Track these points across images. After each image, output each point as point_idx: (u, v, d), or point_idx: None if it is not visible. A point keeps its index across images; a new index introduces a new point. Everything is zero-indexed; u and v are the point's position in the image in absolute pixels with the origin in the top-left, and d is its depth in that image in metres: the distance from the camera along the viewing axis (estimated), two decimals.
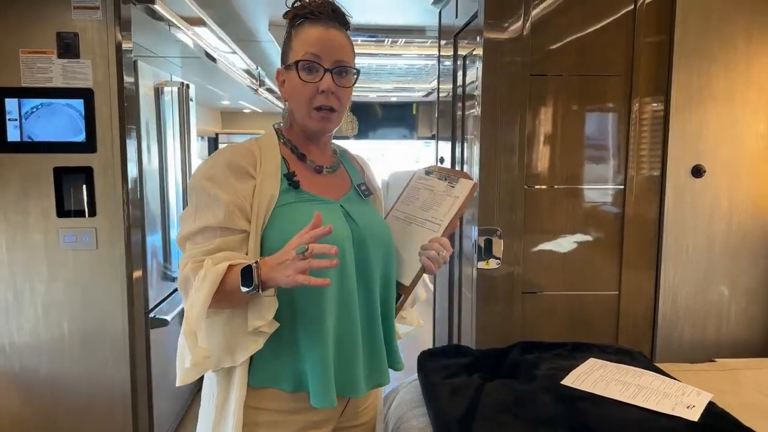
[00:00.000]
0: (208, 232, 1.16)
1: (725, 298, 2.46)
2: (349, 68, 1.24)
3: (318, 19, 1.22)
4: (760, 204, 2.43)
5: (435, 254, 1.27)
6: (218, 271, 1.10)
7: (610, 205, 2.43)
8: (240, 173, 1.18)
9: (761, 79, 2.37)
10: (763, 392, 1.81)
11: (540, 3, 2.32)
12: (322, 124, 1.25)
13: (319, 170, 1.30)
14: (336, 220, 1.21)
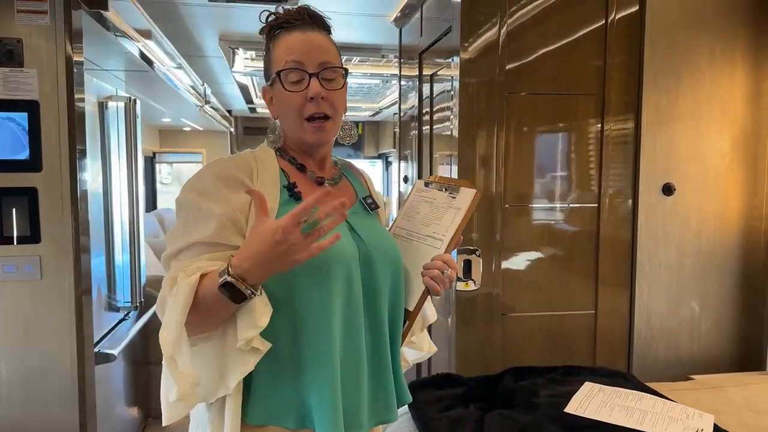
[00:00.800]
0: (196, 249, 1.04)
1: (696, 315, 2.49)
2: (336, 68, 1.14)
3: (294, 25, 1.14)
4: (726, 220, 2.48)
5: (438, 273, 1.16)
6: (190, 282, 0.97)
7: (585, 224, 2.41)
8: (234, 184, 1.07)
9: (724, 98, 2.44)
10: (754, 410, 1.81)
11: (514, 23, 2.30)
12: (317, 135, 1.14)
13: (320, 182, 1.19)
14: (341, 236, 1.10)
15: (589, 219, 2.41)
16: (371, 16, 3.45)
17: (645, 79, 2.37)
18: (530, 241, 2.39)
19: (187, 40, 3.96)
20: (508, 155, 2.34)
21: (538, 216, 2.39)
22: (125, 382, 3.32)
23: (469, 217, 1.22)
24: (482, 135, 2.31)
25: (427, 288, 1.19)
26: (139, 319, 3.31)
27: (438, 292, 1.17)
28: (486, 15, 2.28)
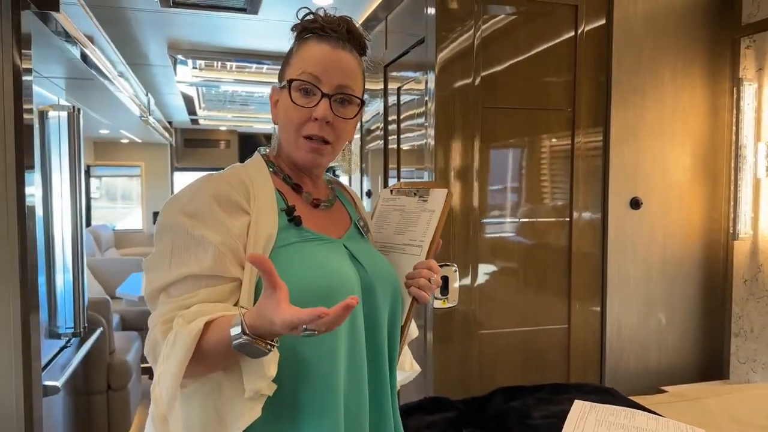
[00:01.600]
0: (190, 282, 0.92)
1: (663, 326, 2.54)
2: (352, 97, 1.05)
3: (328, 36, 1.04)
4: (689, 233, 2.56)
5: (425, 281, 1.09)
6: (192, 331, 0.85)
7: (558, 238, 2.42)
8: (231, 207, 0.96)
9: (685, 114, 2.52)
10: (736, 421, 1.84)
11: (488, 37, 2.29)
12: (311, 156, 1.04)
13: (316, 204, 1.10)
14: (343, 262, 1.03)
15: (561, 233, 2.42)
16: None
17: (613, 95, 2.41)
18: (505, 256, 2.37)
19: (133, 47, 3.76)
20: (484, 170, 2.31)
21: (512, 231, 2.38)
22: (66, 415, 3.06)
23: (444, 219, 1.15)
24: (458, 148, 2.28)
25: (414, 298, 1.12)
26: (81, 346, 3.07)
27: (426, 299, 1.11)
28: (460, 28, 2.26)
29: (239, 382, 0.89)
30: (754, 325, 2.39)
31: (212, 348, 0.86)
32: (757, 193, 2.36)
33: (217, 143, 8.42)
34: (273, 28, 3.40)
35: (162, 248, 0.95)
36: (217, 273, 0.92)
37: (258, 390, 0.88)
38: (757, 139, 2.35)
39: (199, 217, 0.94)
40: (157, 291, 0.95)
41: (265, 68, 4.36)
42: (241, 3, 2.93)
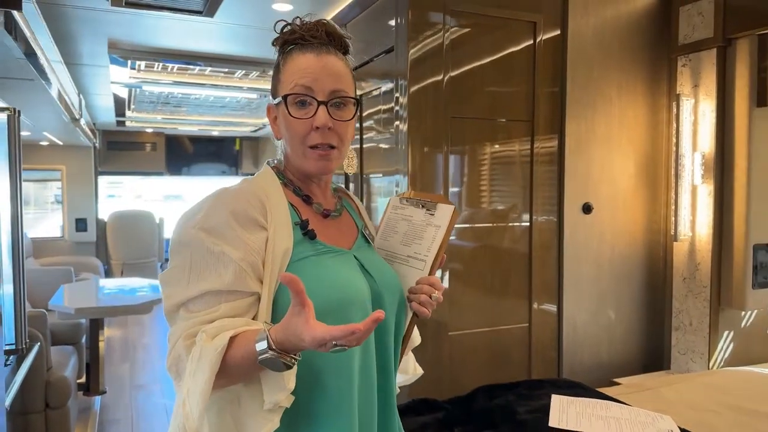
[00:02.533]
0: (210, 297, 0.94)
1: (613, 322, 2.74)
2: (347, 98, 1.06)
3: (310, 44, 1.05)
4: (634, 235, 2.77)
5: (427, 298, 1.09)
6: (217, 347, 0.88)
7: (520, 242, 2.56)
8: (248, 223, 0.98)
9: (629, 127, 2.73)
10: (692, 407, 2.03)
11: (457, 47, 2.39)
12: (320, 163, 1.06)
13: (326, 215, 1.12)
14: (356, 274, 1.06)
15: (523, 237, 2.56)
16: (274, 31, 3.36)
17: (567, 109, 2.58)
18: (473, 260, 2.47)
19: (71, 45, 3.56)
20: (453, 176, 2.41)
21: (480, 235, 2.48)
22: None
23: (449, 235, 1.15)
24: (429, 155, 2.36)
25: (415, 313, 1.12)
26: (21, 363, 2.89)
27: (426, 315, 1.11)
28: (430, 40, 2.34)
29: (258, 394, 0.92)
30: (692, 318, 2.63)
31: (237, 362, 0.88)
32: (694, 198, 2.61)
33: (143, 146, 8.08)
34: (224, 31, 3.35)
35: (180, 264, 0.96)
36: (237, 288, 0.94)
37: (277, 402, 0.90)
38: (693, 149, 2.59)
39: (218, 233, 0.96)
40: (176, 306, 0.96)
41: (208, 70, 4.27)
42: (199, 6, 2.87)
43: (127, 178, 9.10)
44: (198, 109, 6.30)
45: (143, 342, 5.79)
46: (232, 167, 9.05)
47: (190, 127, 7.54)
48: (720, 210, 2.55)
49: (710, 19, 2.52)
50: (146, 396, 4.35)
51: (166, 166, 8.38)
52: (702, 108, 2.57)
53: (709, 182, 2.55)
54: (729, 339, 2.60)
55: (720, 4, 2.48)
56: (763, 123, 2.49)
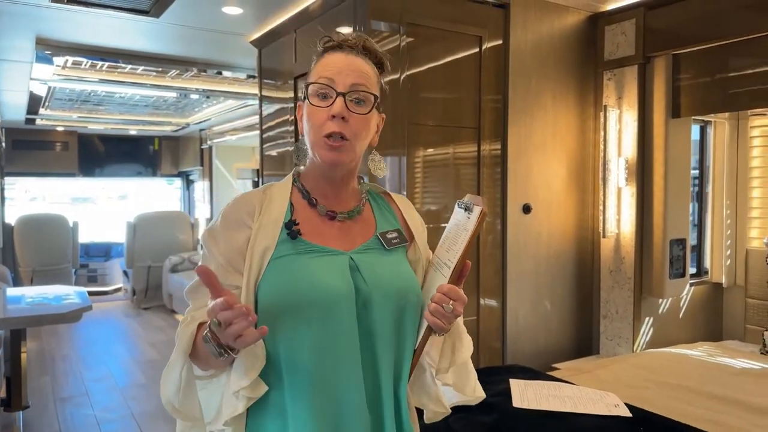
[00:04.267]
0: (203, 288, 1.04)
1: (549, 312, 2.99)
2: (366, 94, 1.09)
3: (342, 47, 1.12)
4: (566, 233, 3.04)
5: (438, 307, 1.05)
6: (189, 331, 1.02)
7: None
8: (234, 224, 1.10)
9: (562, 134, 2.99)
10: (628, 385, 2.29)
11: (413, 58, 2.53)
12: (332, 154, 1.08)
13: (332, 216, 1.15)
14: (335, 275, 1.08)
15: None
16: (227, 33, 3.36)
17: (509, 117, 2.79)
18: None
19: None
20: (410, 179, 2.54)
21: (430, 236, 2.63)
22: None
23: (473, 240, 1.09)
24: (389, 160, 2.48)
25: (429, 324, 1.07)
26: None
27: (442, 328, 1.06)
28: (387, 46, 2.46)
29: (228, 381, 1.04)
30: (618, 307, 2.92)
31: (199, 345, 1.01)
32: (619, 199, 2.90)
33: (53, 145, 7.61)
34: (167, 31, 3.29)
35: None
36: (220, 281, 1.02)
37: (239, 388, 1.01)
38: (618, 155, 2.89)
39: (213, 234, 1.10)
40: (186, 293, 1.12)
41: (140, 69, 4.15)
42: (145, 6, 2.82)
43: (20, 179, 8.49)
44: (120, 108, 6.06)
45: (62, 353, 5.48)
46: (148, 168, 8.70)
47: (106, 125, 7.20)
48: (641, 209, 2.86)
49: (632, 39, 2.82)
50: (74, 408, 4.15)
51: (79, 167, 7.94)
52: (625, 118, 2.87)
53: (632, 185, 2.85)
54: (649, 324, 2.92)
55: (640, 26, 2.79)
56: (678, 132, 2.82)
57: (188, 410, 1.07)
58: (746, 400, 2.09)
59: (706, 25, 2.60)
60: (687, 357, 2.66)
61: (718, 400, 2.11)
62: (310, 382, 1.03)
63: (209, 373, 1.07)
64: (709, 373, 2.43)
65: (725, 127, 3.18)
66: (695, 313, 3.19)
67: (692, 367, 2.52)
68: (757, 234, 3.12)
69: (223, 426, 1.06)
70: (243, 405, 1.03)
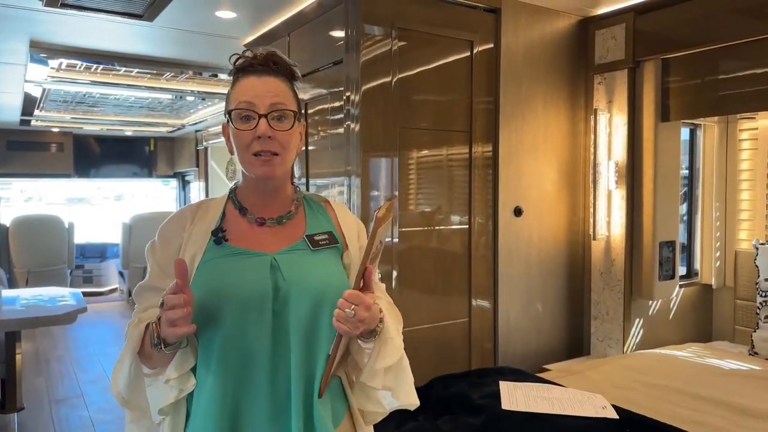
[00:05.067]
0: (145, 291, 1.23)
1: (540, 314, 3.02)
2: (285, 111, 1.17)
3: (256, 70, 1.19)
4: (557, 235, 3.07)
5: (338, 312, 1.07)
6: (138, 332, 1.14)
7: (461, 243, 2.76)
8: (169, 235, 1.24)
9: (553, 137, 3.02)
10: (616, 386, 2.32)
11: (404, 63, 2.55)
12: (264, 168, 1.17)
13: (261, 223, 1.23)
14: (253, 275, 1.16)
15: (463, 239, 2.77)
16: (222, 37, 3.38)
17: (500, 120, 2.82)
18: (419, 261, 2.64)
19: None
20: (403, 182, 2.57)
21: (423, 238, 2.66)
22: None
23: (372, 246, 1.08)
24: (381, 162, 2.51)
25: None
26: None
27: (348, 333, 1.08)
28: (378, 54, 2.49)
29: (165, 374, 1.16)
30: (608, 309, 2.95)
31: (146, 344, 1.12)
32: (609, 201, 2.93)
33: (48, 146, 7.60)
34: (161, 34, 3.31)
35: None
36: (156, 285, 1.20)
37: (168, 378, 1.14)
38: (608, 158, 2.91)
39: (152, 246, 1.25)
40: (134, 295, 1.26)
41: (135, 71, 4.16)
42: (139, 10, 2.84)
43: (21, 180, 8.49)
44: (115, 109, 6.06)
45: (56, 354, 5.49)
46: (144, 169, 8.70)
47: (101, 126, 7.20)
48: (631, 212, 2.88)
49: (622, 43, 2.85)
50: (69, 409, 4.16)
51: (74, 168, 7.93)
52: (615, 121, 2.89)
53: (622, 187, 2.88)
54: (639, 326, 2.95)
55: (630, 31, 2.82)
56: (667, 136, 2.85)
57: (136, 401, 1.19)
58: (731, 400, 2.12)
59: (695, 30, 2.63)
60: (675, 358, 2.69)
61: (704, 400, 2.14)
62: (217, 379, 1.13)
63: (155, 371, 1.17)
64: (696, 374, 2.46)
65: (714, 130, 3.21)
66: (685, 315, 3.22)
67: (680, 368, 2.55)
68: (746, 236, 3.16)
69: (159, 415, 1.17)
70: (174, 395, 1.15)
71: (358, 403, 1.25)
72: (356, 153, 2.48)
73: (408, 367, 1.24)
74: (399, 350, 1.20)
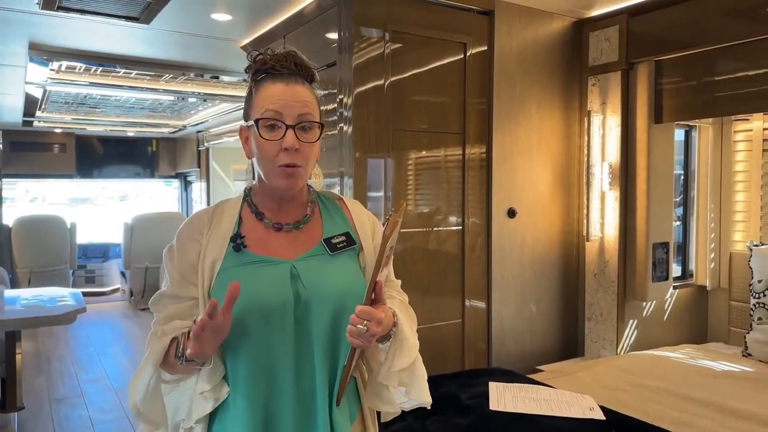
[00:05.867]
0: (165, 299, 1.21)
1: (534, 315, 3.03)
2: (312, 123, 1.18)
3: (280, 74, 1.18)
4: (551, 237, 3.07)
5: (352, 328, 1.07)
6: (163, 344, 1.15)
7: (454, 244, 2.77)
8: (187, 241, 1.22)
9: (547, 139, 3.03)
10: (604, 386, 2.32)
11: (396, 65, 2.57)
12: (288, 181, 1.17)
13: (278, 228, 1.22)
14: (274, 284, 1.16)
15: (457, 240, 2.78)
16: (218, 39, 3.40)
17: (494, 122, 2.83)
18: (412, 262, 2.66)
19: None
20: (397, 184, 2.58)
21: (418, 239, 2.67)
22: None
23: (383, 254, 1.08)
24: (374, 164, 2.53)
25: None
26: None
27: (361, 347, 1.09)
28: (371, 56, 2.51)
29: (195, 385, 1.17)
30: (602, 310, 2.96)
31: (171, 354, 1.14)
32: (603, 203, 2.94)
33: (51, 147, 7.65)
34: (158, 36, 3.33)
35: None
36: (177, 294, 1.19)
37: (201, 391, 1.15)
38: (602, 159, 2.92)
39: (170, 252, 1.22)
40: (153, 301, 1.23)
41: (134, 73, 4.19)
42: (135, 13, 2.86)
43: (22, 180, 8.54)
44: (116, 110, 6.09)
45: (58, 354, 5.53)
46: (146, 169, 8.74)
47: (103, 127, 7.25)
48: (625, 213, 2.89)
49: (615, 45, 2.86)
50: (69, 409, 4.19)
51: (77, 168, 7.98)
52: (609, 123, 2.90)
53: (615, 189, 2.89)
54: (633, 327, 2.96)
55: (623, 32, 2.82)
56: (661, 137, 2.85)
57: (152, 415, 1.20)
58: (721, 402, 2.13)
59: (689, 32, 2.64)
60: (668, 359, 2.70)
61: (693, 402, 2.15)
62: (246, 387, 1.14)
63: (176, 377, 1.17)
64: (688, 375, 2.46)
65: (709, 132, 3.21)
66: (680, 316, 3.22)
67: (672, 369, 2.55)
68: (741, 237, 3.16)
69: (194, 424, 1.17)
70: (211, 405, 1.15)
71: (370, 402, 1.26)
72: (349, 154, 2.50)
73: (422, 365, 1.26)
74: (414, 350, 1.22)
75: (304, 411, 1.16)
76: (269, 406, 1.15)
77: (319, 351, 1.16)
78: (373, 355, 1.22)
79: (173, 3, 2.75)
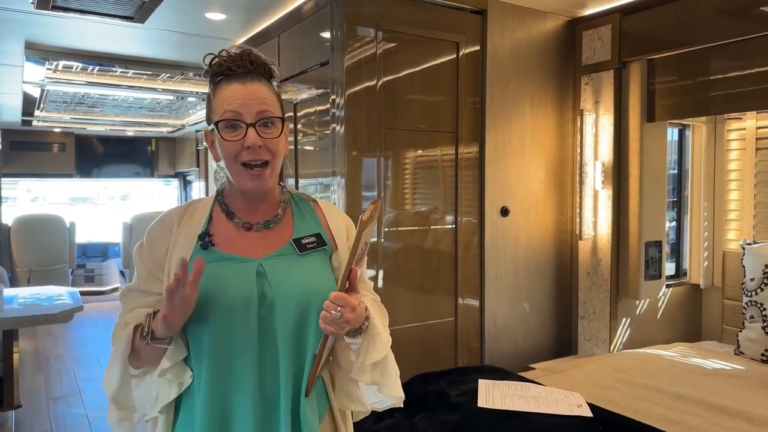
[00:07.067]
0: (132, 293, 1.25)
1: (528, 313, 3.03)
2: (273, 118, 1.17)
3: (235, 74, 1.18)
4: (544, 235, 3.08)
5: (325, 314, 1.10)
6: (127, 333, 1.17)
7: (447, 243, 2.78)
8: (156, 238, 1.24)
9: (540, 137, 3.03)
10: (595, 384, 2.33)
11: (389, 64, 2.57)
12: (255, 182, 1.18)
13: (248, 227, 1.23)
14: (239, 282, 1.17)
15: (450, 238, 2.79)
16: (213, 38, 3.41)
17: (487, 121, 2.83)
18: (405, 261, 2.67)
19: None
20: (388, 182, 2.59)
21: (410, 237, 2.68)
22: None
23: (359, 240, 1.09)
24: (366, 163, 2.53)
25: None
26: None
27: (333, 333, 1.12)
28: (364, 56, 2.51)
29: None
30: (595, 308, 2.97)
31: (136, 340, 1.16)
32: (596, 201, 2.94)
33: (50, 146, 7.67)
34: (153, 35, 3.35)
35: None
36: (144, 288, 1.23)
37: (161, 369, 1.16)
38: (595, 158, 2.93)
39: (140, 249, 1.26)
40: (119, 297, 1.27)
41: (131, 72, 4.20)
42: (130, 12, 2.87)
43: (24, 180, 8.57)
44: (114, 110, 6.10)
45: (56, 352, 5.55)
46: (146, 168, 8.75)
47: (103, 127, 7.26)
48: (618, 212, 2.90)
49: (608, 44, 2.86)
50: (66, 408, 4.21)
51: (76, 168, 8.00)
52: (602, 122, 2.91)
53: (608, 187, 2.89)
54: (626, 325, 2.96)
55: (616, 31, 2.83)
56: (653, 136, 2.86)
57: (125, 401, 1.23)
58: (711, 400, 2.13)
59: (681, 31, 2.64)
60: (660, 357, 2.70)
61: (683, 400, 2.15)
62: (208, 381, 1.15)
63: (141, 370, 1.20)
64: (679, 373, 2.47)
65: (703, 131, 3.22)
66: (674, 314, 3.23)
67: (663, 367, 2.56)
68: (734, 236, 3.16)
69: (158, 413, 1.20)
70: (175, 390, 1.17)
71: (340, 403, 1.27)
72: (341, 154, 2.51)
73: (393, 362, 1.27)
74: (387, 345, 1.23)
75: (267, 410, 1.16)
76: (229, 400, 1.16)
77: (284, 351, 1.16)
78: (343, 352, 1.22)
79: (167, 2, 2.77)
